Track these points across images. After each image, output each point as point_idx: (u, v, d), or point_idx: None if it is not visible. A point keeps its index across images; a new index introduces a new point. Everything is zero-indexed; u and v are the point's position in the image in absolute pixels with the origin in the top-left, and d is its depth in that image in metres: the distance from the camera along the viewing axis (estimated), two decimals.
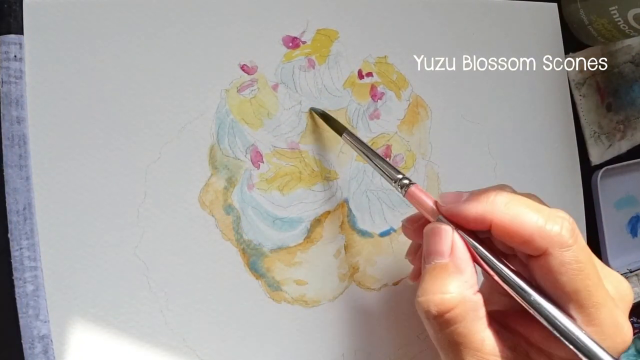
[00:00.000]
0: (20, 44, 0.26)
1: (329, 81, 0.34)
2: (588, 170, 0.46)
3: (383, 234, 0.36)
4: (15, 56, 0.26)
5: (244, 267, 0.31)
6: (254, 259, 0.32)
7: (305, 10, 0.34)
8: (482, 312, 0.25)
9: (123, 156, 0.29)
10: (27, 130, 0.27)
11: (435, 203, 0.27)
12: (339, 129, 0.32)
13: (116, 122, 0.29)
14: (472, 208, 0.25)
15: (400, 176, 0.29)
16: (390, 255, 0.36)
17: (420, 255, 0.28)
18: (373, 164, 0.30)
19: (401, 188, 0.29)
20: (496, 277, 0.25)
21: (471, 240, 0.26)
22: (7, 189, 0.26)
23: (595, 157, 0.46)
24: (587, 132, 0.45)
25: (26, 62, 0.27)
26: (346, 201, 0.35)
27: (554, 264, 0.24)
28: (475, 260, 0.26)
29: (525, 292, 0.24)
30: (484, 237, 0.26)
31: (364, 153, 0.31)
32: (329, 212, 0.34)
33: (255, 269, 0.32)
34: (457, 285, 0.24)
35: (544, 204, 0.26)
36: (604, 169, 0.45)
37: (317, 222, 0.34)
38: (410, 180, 0.29)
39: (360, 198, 0.35)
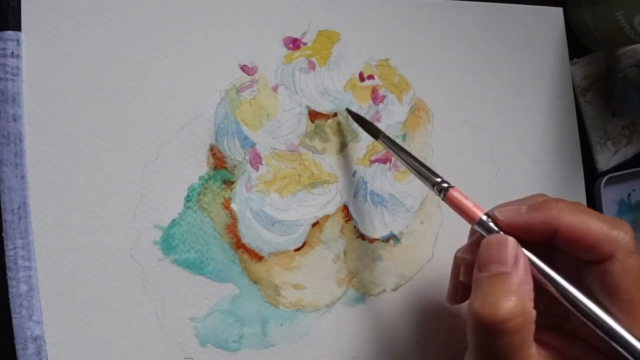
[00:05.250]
0: (18, 41, 0.26)
1: (329, 83, 0.34)
2: (595, 177, 0.45)
3: (383, 239, 0.35)
4: (12, 53, 0.26)
5: (241, 271, 0.31)
6: (252, 263, 0.31)
7: (307, 11, 0.33)
8: (533, 327, 0.25)
9: (120, 156, 0.28)
10: (23, 128, 0.26)
11: (493, 217, 0.27)
12: (374, 132, 0.33)
13: (114, 122, 0.28)
14: (538, 217, 0.26)
15: (438, 180, 0.29)
16: (390, 260, 0.35)
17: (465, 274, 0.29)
18: (410, 167, 0.30)
19: (440, 192, 0.29)
20: (554, 290, 0.26)
21: (529, 254, 0.26)
22: (2, 187, 0.26)
23: (602, 164, 0.46)
24: (593, 139, 0.45)
25: (23, 59, 0.26)
26: (346, 205, 0.34)
27: (616, 269, 0.24)
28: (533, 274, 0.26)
29: (586, 306, 0.25)
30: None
31: (400, 156, 0.31)
32: (328, 216, 0.34)
33: (253, 273, 0.31)
34: (520, 295, 0.24)
35: None
36: (607, 176, 0.45)
37: (317, 226, 0.33)
38: (449, 184, 0.29)
39: (361, 202, 0.35)
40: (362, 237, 0.35)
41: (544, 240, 0.26)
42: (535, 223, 0.26)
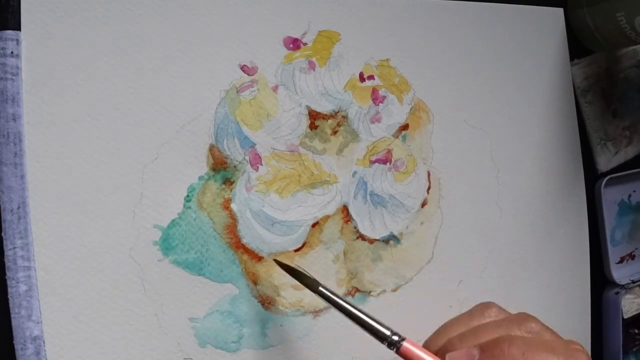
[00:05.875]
0: (17, 40, 0.26)
1: (329, 83, 0.34)
2: (595, 178, 0.45)
3: (383, 240, 0.35)
4: (12, 52, 0.26)
5: (241, 271, 0.31)
6: (251, 263, 0.31)
7: (307, 11, 0.33)
8: None
9: (120, 156, 0.28)
10: (23, 127, 0.26)
11: None
12: (311, 284, 0.30)
13: (113, 121, 0.28)
14: None
15: (388, 332, 0.28)
16: (389, 261, 0.35)
17: None
18: (355, 321, 0.29)
19: (391, 345, 0.28)
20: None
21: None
22: (1, 187, 0.26)
23: (602, 165, 0.46)
24: (594, 140, 0.45)
25: (23, 59, 0.26)
26: (346, 206, 0.34)
27: None
28: None
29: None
30: None
31: (343, 309, 0.29)
32: (328, 217, 0.34)
33: (252, 273, 0.31)
34: None
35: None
36: (607, 177, 0.45)
37: (316, 226, 0.33)
38: (400, 336, 0.28)
39: (361, 203, 0.35)
40: (362, 237, 0.35)
41: None
42: None
